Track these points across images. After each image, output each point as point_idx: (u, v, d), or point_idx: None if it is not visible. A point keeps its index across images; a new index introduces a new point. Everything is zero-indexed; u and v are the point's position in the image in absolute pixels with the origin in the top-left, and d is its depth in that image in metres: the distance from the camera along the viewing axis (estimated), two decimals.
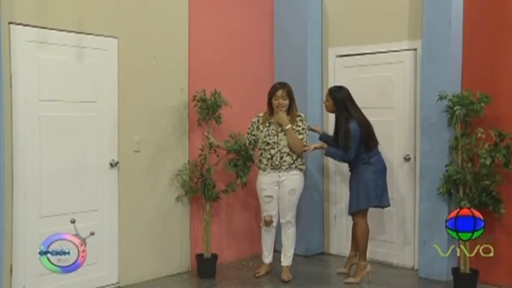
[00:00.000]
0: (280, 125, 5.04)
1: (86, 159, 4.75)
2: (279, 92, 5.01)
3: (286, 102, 5.02)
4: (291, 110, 5.06)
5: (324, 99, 5.31)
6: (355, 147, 4.97)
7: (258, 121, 5.21)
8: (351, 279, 5.11)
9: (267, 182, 5.12)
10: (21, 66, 4.32)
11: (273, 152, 5.06)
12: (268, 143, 5.08)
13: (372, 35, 5.81)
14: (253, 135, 5.21)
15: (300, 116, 5.11)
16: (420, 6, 5.35)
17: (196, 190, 5.29)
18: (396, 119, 5.65)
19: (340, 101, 5.09)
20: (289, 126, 4.98)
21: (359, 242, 5.14)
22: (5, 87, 4.19)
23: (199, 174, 5.28)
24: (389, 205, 5.21)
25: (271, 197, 5.13)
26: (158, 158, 5.23)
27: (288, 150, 5.03)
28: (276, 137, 5.06)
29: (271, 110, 5.10)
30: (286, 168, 5.05)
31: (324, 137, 5.44)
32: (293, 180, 5.08)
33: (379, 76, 5.75)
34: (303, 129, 5.06)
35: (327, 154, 5.24)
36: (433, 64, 5.17)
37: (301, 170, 5.14)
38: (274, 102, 5.04)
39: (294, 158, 5.06)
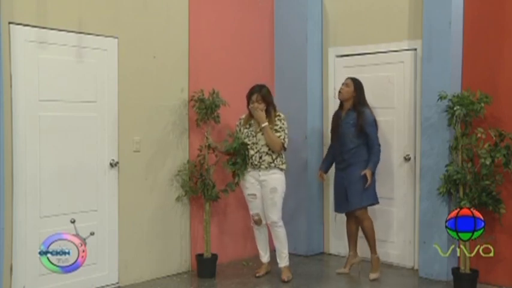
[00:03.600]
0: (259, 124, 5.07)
1: (86, 159, 4.75)
2: (254, 97, 5.06)
3: (262, 106, 5.04)
4: (268, 112, 5.07)
5: (343, 85, 5.24)
6: (376, 134, 5.09)
7: (240, 123, 5.25)
8: (373, 276, 5.17)
9: (248, 180, 5.16)
10: (21, 66, 4.32)
11: (252, 152, 5.09)
12: (247, 144, 5.12)
13: (372, 35, 5.81)
14: (238, 138, 5.22)
15: (279, 115, 5.11)
16: (420, 6, 5.35)
17: (196, 190, 5.29)
18: (396, 119, 5.65)
19: (360, 88, 5.18)
20: (266, 124, 5.00)
21: (369, 237, 5.20)
22: (5, 87, 4.19)
23: (198, 174, 5.28)
24: (378, 203, 5.27)
25: (255, 195, 5.16)
26: (158, 158, 5.23)
27: (266, 149, 5.05)
28: (254, 138, 5.09)
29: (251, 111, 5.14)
30: (266, 168, 5.06)
31: (326, 167, 5.52)
32: (274, 179, 5.08)
33: (379, 76, 5.74)
34: (280, 127, 5.05)
35: (373, 170, 5.08)
36: (433, 64, 5.17)
37: (281, 169, 5.13)
38: (250, 105, 5.08)
39: (274, 157, 5.07)
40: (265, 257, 5.35)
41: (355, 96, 5.16)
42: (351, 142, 5.12)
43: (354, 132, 5.10)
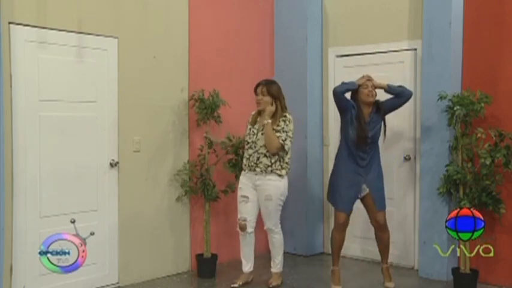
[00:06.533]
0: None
1: (86, 159, 4.75)
2: (258, 89, 4.83)
3: (266, 99, 4.75)
4: (275, 110, 4.78)
5: (371, 88, 4.82)
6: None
7: (249, 120, 5.06)
8: (390, 284, 4.96)
9: (244, 182, 4.91)
10: (21, 66, 4.33)
11: (250, 151, 4.84)
12: (248, 142, 4.91)
13: (372, 35, 5.81)
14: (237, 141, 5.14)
15: (285, 116, 4.80)
16: (420, 6, 5.36)
17: (196, 190, 5.29)
18: (396, 118, 5.63)
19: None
20: (267, 121, 4.70)
21: (388, 246, 4.95)
22: (5, 87, 4.19)
23: (199, 174, 5.29)
24: None
25: (247, 197, 4.86)
26: (158, 158, 5.23)
27: (265, 151, 4.74)
28: (254, 136, 4.84)
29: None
30: (262, 171, 4.76)
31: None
32: (268, 185, 4.76)
33: (379, 76, 5.68)
34: (282, 128, 4.72)
35: (388, 87, 4.82)
36: (433, 64, 5.17)
37: (279, 175, 4.77)
38: (255, 98, 4.86)
39: (273, 160, 4.74)
40: (247, 267, 5.02)
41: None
42: (375, 141, 4.83)
43: (380, 129, 4.82)
